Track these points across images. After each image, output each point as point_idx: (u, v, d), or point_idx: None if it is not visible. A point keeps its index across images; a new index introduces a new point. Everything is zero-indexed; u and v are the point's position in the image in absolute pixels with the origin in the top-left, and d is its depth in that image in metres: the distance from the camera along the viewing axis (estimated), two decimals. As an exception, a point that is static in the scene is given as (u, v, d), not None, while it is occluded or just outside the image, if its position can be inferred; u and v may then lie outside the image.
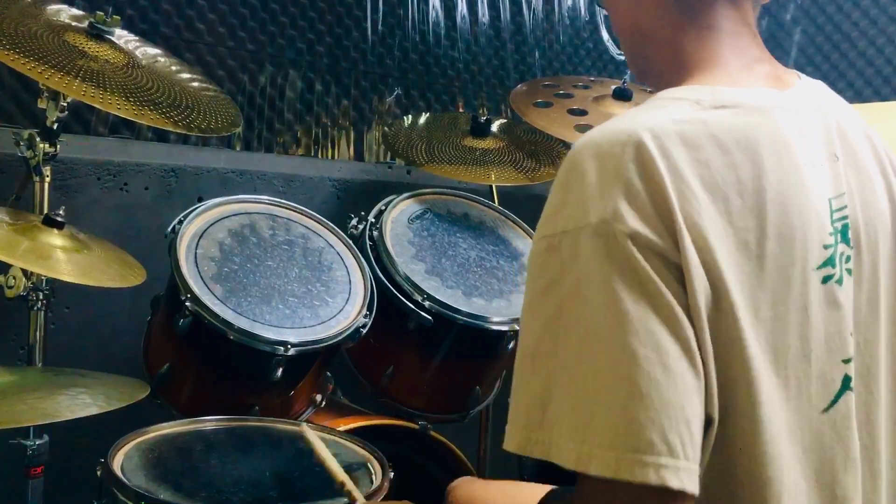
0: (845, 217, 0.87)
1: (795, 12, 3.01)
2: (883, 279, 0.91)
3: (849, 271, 0.87)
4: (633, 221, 0.75)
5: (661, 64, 0.94)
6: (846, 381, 0.87)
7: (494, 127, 2.21)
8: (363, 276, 1.75)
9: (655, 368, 0.72)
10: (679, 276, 0.76)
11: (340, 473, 1.28)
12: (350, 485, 1.25)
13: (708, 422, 0.77)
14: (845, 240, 0.87)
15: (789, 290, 0.81)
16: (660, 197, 0.76)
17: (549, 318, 0.78)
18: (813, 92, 0.94)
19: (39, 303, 1.53)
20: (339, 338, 1.60)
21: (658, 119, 0.80)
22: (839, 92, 0.99)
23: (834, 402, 0.86)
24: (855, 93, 2.87)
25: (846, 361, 0.87)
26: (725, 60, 0.90)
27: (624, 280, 0.74)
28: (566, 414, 0.75)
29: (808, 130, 0.87)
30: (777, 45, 3.05)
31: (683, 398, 0.73)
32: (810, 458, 0.84)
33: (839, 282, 0.86)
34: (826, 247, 0.85)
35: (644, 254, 0.74)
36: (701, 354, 0.75)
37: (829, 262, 0.85)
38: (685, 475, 0.71)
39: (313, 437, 1.41)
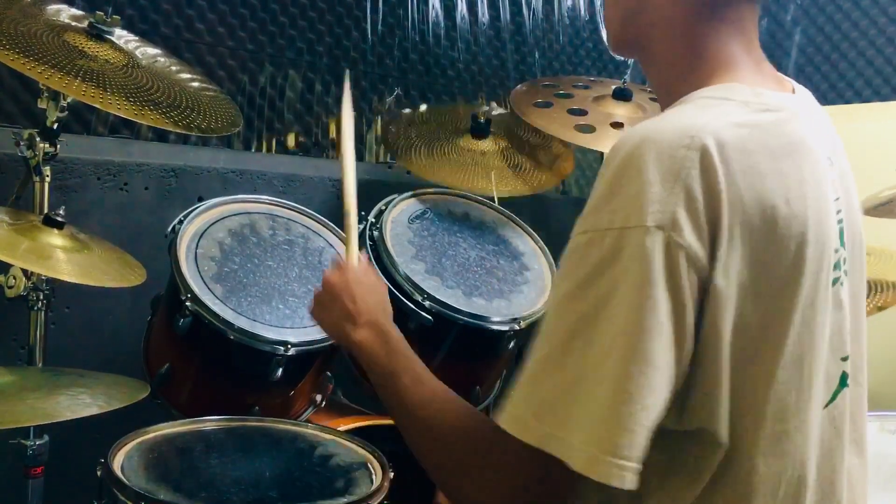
0: (841, 220, 0.89)
1: (795, 12, 3.01)
2: (860, 279, 0.94)
3: (846, 272, 0.89)
4: (689, 233, 0.74)
5: (668, 57, 0.91)
6: (843, 377, 0.89)
7: (493, 126, 2.21)
8: (363, 276, 1.75)
9: (651, 385, 0.74)
10: (702, 291, 0.76)
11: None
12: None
13: (717, 442, 0.79)
14: (842, 241, 0.89)
15: (817, 294, 0.82)
16: (714, 209, 0.75)
17: (583, 315, 0.77)
18: (806, 94, 0.95)
19: (39, 303, 1.53)
20: (340, 338, 1.60)
21: (718, 122, 0.79)
22: (839, 92, 1.00)
23: (833, 398, 0.88)
24: (855, 93, 2.87)
25: (844, 359, 0.89)
26: (742, 60, 0.89)
27: (667, 294, 0.74)
28: (587, 416, 0.75)
29: (821, 134, 0.89)
30: (777, 45, 3.05)
31: (653, 417, 0.75)
32: (814, 453, 0.85)
33: (841, 283, 0.88)
34: (836, 250, 0.86)
35: (689, 268, 0.74)
36: (710, 371, 0.77)
37: (837, 265, 0.87)
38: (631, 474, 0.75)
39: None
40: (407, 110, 2.35)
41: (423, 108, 2.33)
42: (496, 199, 2.18)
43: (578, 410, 0.75)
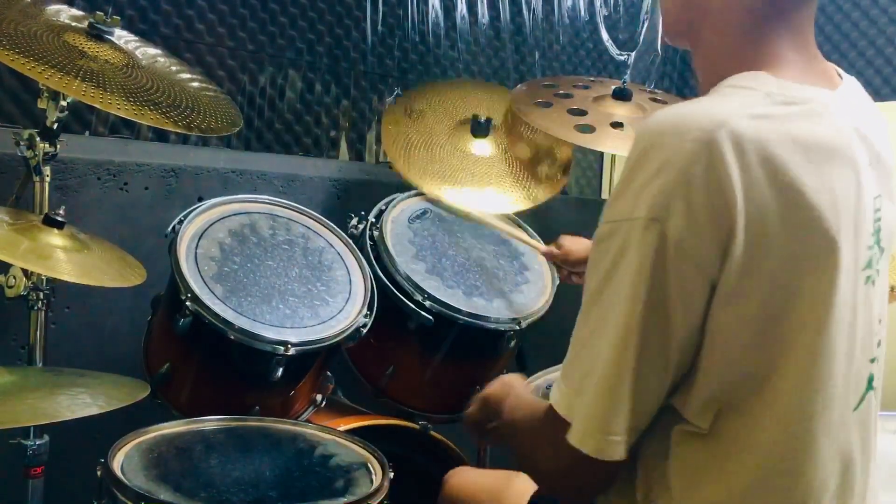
0: (879, 219, 0.88)
1: (795, 12, 3.01)
2: (884, 280, 0.92)
3: (878, 272, 0.88)
4: (684, 227, 0.75)
5: (714, 43, 0.90)
6: (870, 379, 0.88)
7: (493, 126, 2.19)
8: (363, 275, 1.75)
9: (637, 373, 0.80)
10: (709, 289, 0.77)
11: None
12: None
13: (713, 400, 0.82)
14: (877, 241, 0.87)
15: (845, 292, 0.81)
16: (722, 203, 0.75)
17: (596, 292, 0.83)
18: (853, 90, 0.94)
19: (39, 303, 1.52)
20: (340, 337, 1.60)
21: (734, 112, 0.78)
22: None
23: (861, 400, 0.87)
24: (855, 93, 2.86)
25: (872, 361, 0.87)
26: (788, 56, 0.88)
27: (650, 282, 0.76)
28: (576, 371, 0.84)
29: (860, 131, 0.87)
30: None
31: (652, 406, 0.82)
32: (838, 457, 0.85)
33: (874, 282, 0.86)
34: (869, 248, 0.85)
35: (682, 263, 0.76)
36: (713, 360, 0.81)
37: (869, 263, 0.85)
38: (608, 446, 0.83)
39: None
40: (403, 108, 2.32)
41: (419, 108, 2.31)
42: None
43: (587, 382, 0.82)
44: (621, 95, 2.11)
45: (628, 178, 0.79)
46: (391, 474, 1.35)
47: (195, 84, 1.73)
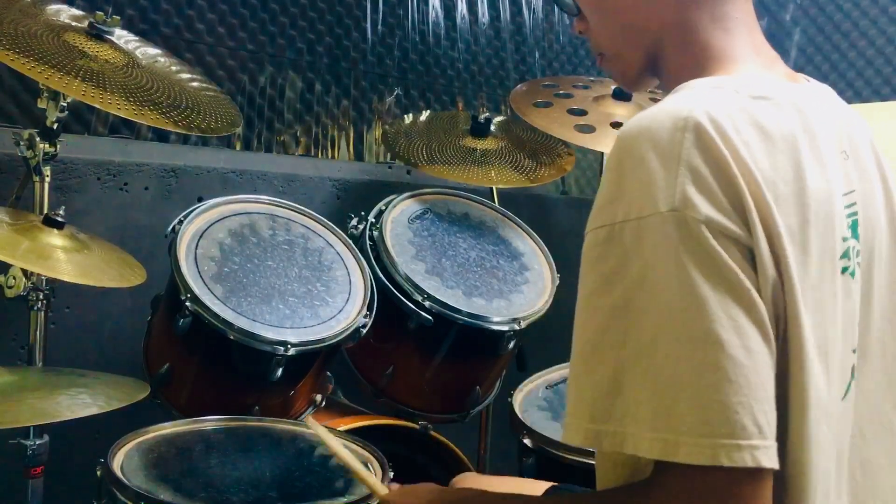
0: (855, 213, 0.89)
1: (795, 12, 3.01)
2: (877, 278, 0.93)
3: (858, 265, 0.89)
4: (706, 207, 0.75)
5: (679, 61, 0.92)
6: (852, 370, 0.88)
7: (493, 126, 2.21)
8: (363, 275, 1.75)
9: (740, 353, 0.73)
10: (751, 259, 0.76)
11: (359, 468, 1.23)
12: (371, 479, 1.22)
13: None
14: (855, 235, 0.88)
15: (823, 278, 0.82)
16: (727, 181, 0.76)
17: (614, 307, 0.77)
18: (822, 92, 0.96)
19: (39, 303, 1.53)
20: (340, 338, 1.60)
21: (708, 101, 0.80)
22: (839, 92, 1.00)
23: (847, 390, 0.87)
24: (855, 93, 2.87)
25: (854, 351, 0.88)
26: (748, 57, 0.91)
27: (701, 267, 0.74)
28: (643, 403, 0.75)
29: (827, 126, 0.89)
30: (777, 45, 3.04)
31: (766, 380, 0.74)
32: (834, 445, 0.85)
33: (852, 274, 0.87)
34: (844, 239, 0.86)
35: (718, 239, 0.75)
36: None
37: (846, 254, 0.86)
38: (773, 454, 0.73)
39: (323, 432, 1.37)
40: (408, 118, 2.34)
41: (424, 116, 2.32)
42: (496, 197, 2.18)
43: (626, 400, 0.75)
44: (621, 95, 2.11)
45: (620, 181, 0.78)
46: (391, 474, 1.35)
47: (195, 84, 1.73)
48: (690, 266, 0.74)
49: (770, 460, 0.72)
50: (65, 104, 1.52)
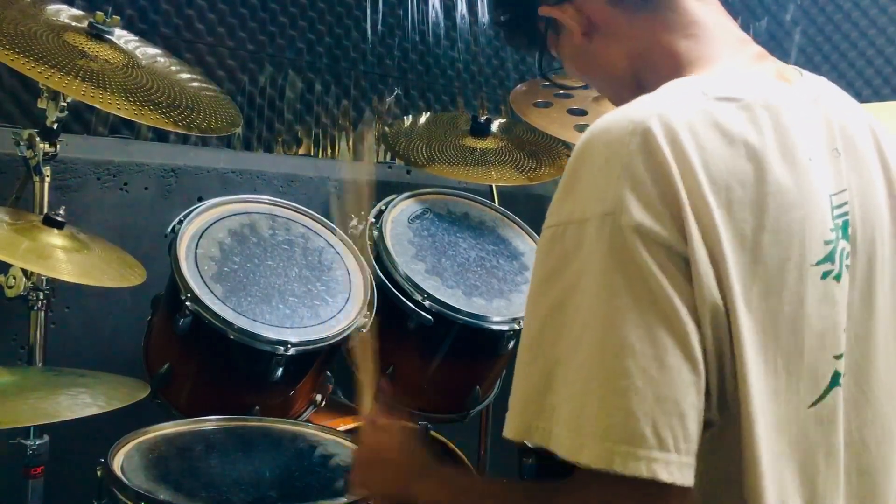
0: (846, 213, 0.87)
1: (795, 12, 3.01)
2: (880, 277, 0.91)
3: (847, 267, 0.87)
4: (638, 213, 0.75)
5: (659, 75, 0.92)
6: (836, 376, 0.87)
7: (494, 127, 2.21)
8: (363, 275, 1.75)
9: (651, 364, 0.73)
10: (685, 269, 0.76)
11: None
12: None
13: (707, 423, 0.77)
14: (845, 236, 0.87)
15: (783, 284, 0.81)
16: (667, 187, 0.76)
17: (551, 307, 0.79)
18: (814, 87, 0.94)
19: (39, 303, 1.53)
20: (340, 337, 1.60)
21: (667, 105, 0.80)
22: (839, 92, 0.99)
23: (822, 396, 0.86)
24: (855, 93, 2.85)
25: (837, 357, 0.87)
26: (725, 56, 0.91)
27: (624, 274, 0.74)
28: (564, 403, 0.76)
29: (810, 125, 0.87)
30: (777, 45, 3.04)
31: (678, 393, 0.74)
32: (795, 452, 0.84)
33: (837, 277, 0.86)
34: (827, 242, 0.85)
35: (648, 247, 0.75)
36: (704, 349, 0.76)
37: (828, 257, 0.85)
38: (676, 468, 0.72)
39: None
40: (408, 120, 2.34)
41: (423, 119, 2.32)
42: (496, 197, 2.18)
43: (554, 398, 0.76)
44: (621, 95, 2.11)
45: (571, 181, 0.80)
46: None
47: (195, 84, 1.73)
48: (616, 273, 0.74)
49: (669, 475, 0.71)
50: (65, 104, 1.52)
